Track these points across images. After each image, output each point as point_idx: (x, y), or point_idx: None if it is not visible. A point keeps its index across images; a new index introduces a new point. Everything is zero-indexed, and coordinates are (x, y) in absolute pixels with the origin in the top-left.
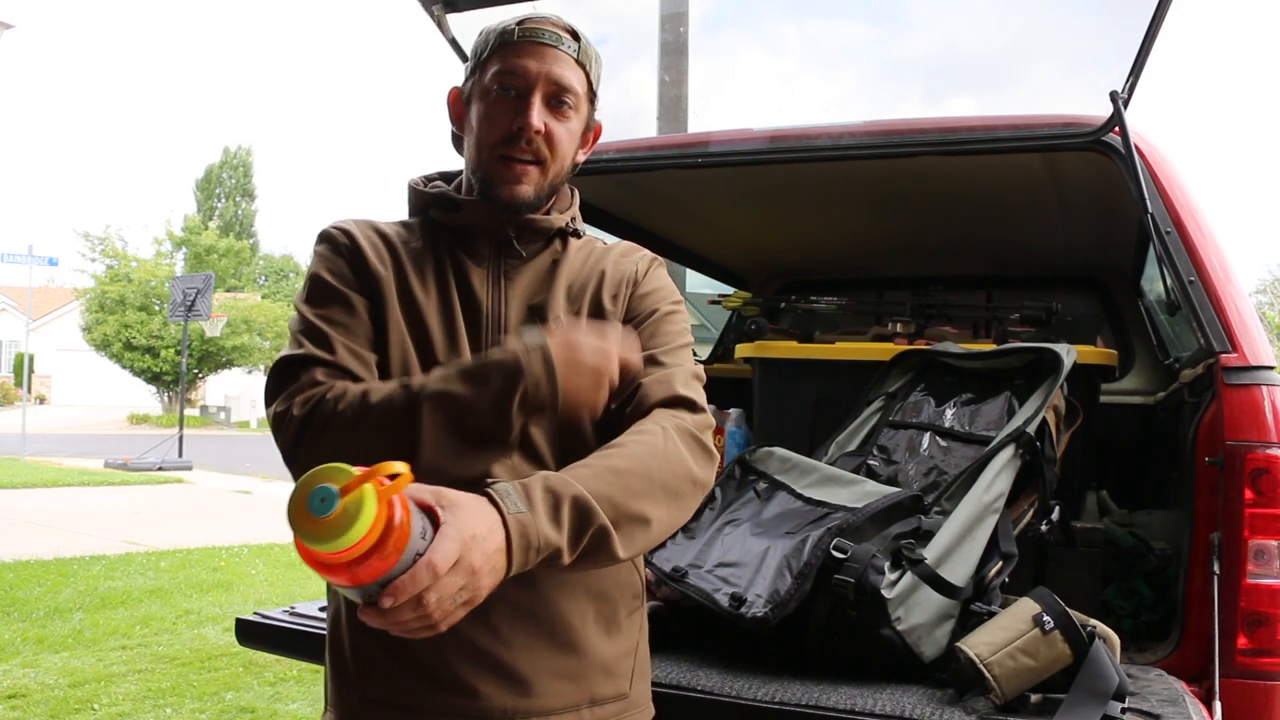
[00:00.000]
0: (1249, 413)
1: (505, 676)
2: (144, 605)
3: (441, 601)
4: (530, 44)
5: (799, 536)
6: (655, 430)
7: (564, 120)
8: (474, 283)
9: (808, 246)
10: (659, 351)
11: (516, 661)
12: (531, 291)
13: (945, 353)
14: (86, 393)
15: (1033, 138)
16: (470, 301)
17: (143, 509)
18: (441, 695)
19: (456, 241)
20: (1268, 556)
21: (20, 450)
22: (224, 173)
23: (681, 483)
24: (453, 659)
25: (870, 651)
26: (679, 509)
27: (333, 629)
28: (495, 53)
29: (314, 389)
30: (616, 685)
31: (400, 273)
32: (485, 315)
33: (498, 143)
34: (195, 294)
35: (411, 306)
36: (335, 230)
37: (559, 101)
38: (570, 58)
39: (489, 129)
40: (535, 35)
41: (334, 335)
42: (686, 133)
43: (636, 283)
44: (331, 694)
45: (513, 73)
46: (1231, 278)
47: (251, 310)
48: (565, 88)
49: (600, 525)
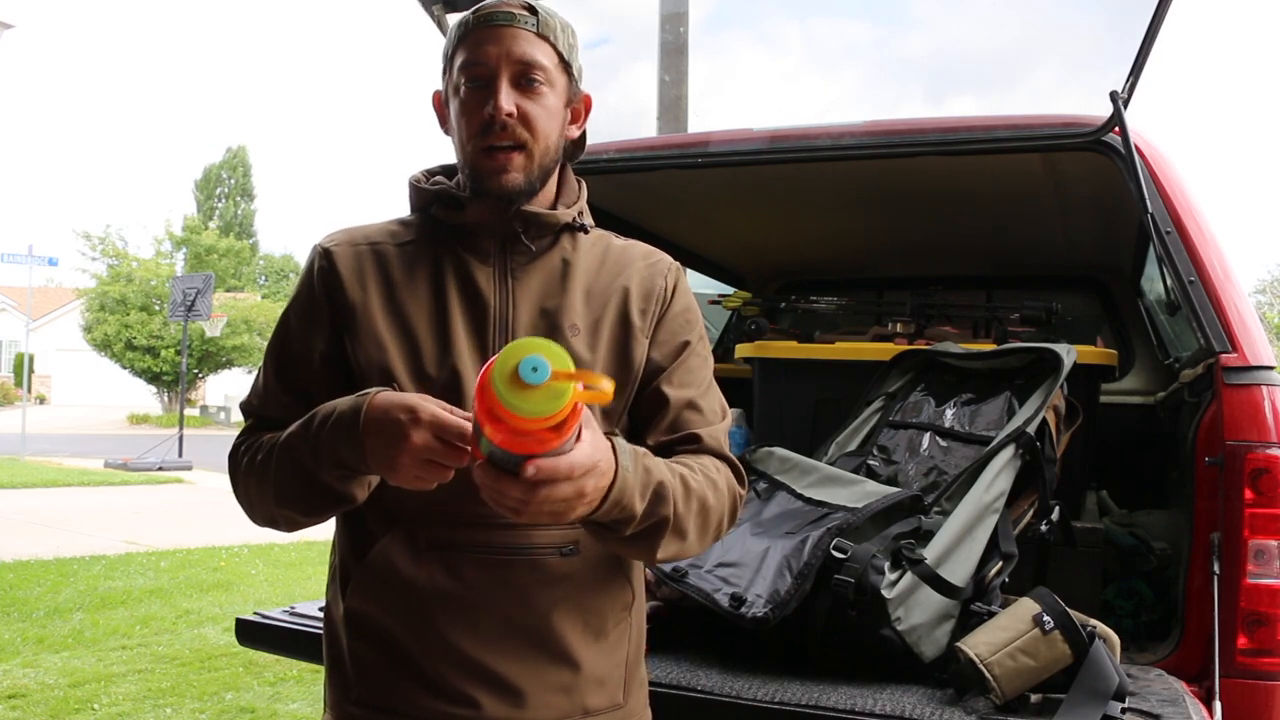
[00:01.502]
0: (1249, 413)
1: (500, 688)
2: (144, 605)
3: (550, 499)
4: (487, 29)
5: (799, 536)
6: (717, 477)
7: (537, 98)
8: (479, 282)
9: (808, 246)
10: (697, 395)
11: (510, 673)
12: (543, 292)
13: (945, 353)
14: (86, 393)
15: (1033, 138)
16: (476, 302)
17: (143, 509)
18: (439, 704)
19: (459, 239)
20: (1268, 556)
21: (20, 450)
22: (223, 172)
23: (716, 528)
24: (448, 670)
25: (870, 651)
26: (702, 545)
27: (331, 635)
28: (458, 46)
29: (245, 439)
30: (610, 696)
31: (385, 286)
32: (492, 316)
33: (476, 135)
34: (195, 294)
35: (398, 318)
36: (317, 252)
37: (528, 80)
38: (530, 33)
39: (466, 124)
40: (490, 20)
41: (270, 386)
42: (686, 133)
43: (668, 301)
44: (330, 697)
45: (475, 62)
46: (1231, 278)
47: (251, 310)
48: (530, 64)
49: (664, 517)
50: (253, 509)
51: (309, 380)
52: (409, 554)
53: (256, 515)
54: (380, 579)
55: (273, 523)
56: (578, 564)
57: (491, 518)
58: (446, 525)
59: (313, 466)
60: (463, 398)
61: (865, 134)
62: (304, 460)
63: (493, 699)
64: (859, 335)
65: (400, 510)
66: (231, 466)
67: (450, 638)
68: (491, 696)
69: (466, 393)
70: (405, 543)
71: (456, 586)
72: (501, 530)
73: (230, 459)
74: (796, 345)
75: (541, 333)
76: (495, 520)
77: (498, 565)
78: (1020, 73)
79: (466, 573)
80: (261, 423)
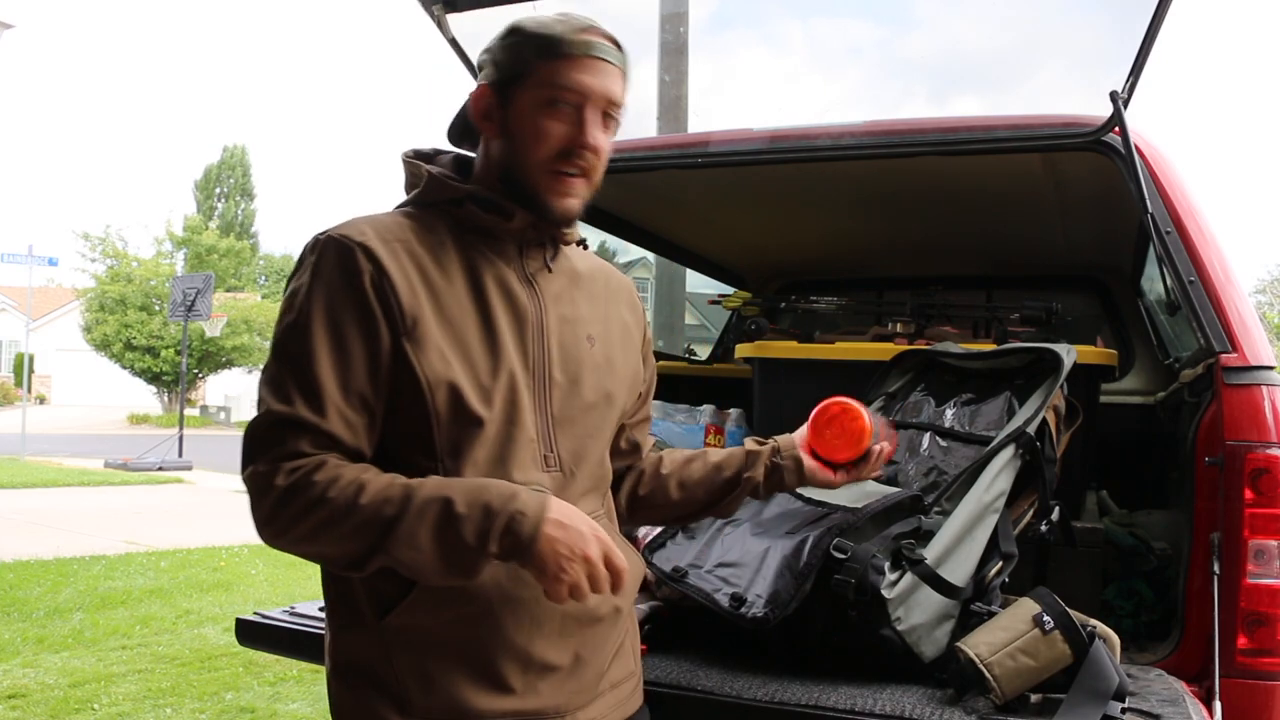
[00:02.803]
0: (1249, 413)
1: (557, 675)
2: (144, 605)
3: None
4: (591, 59)
5: (799, 536)
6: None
7: (610, 133)
8: (512, 285)
9: (808, 246)
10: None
11: (562, 661)
12: (561, 299)
13: (945, 353)
14: (86, 393)
15: (1033, 138)
16: (514, 307)
17: (143, 509)
18: (508, 701)
19: (482, 239)
20: (1268, 556)
21: (20, 450)
22: (223, 172)
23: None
24: (512, 669)
25: (870, 651)
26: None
27: (368, 656)
28: (547, 62)
29: (301, 460)
30: (626, 665)
31: (430, 291)
32: (530, 322)
33: (552, 157)
34: (195, 294)
35: (450, 326)
36: (349, 247)
37: (609, 117)
38: (620, 70)
39: (541, 142)
40: (595, 50)
41: (328, 393)
42: (686, 133)
43: (645, 325)
44: (370, 718)
45: (570, 88)
46: (1231, 278)
47: (251, 310)
48: (617, 105)
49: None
50: (327, 543)
51: (374, 391)
52: None
53: (331, 548)
54: (446, 592)
55: (350, 561)
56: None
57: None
58: None
59: (471, 540)
60: (518, 406)
61: (865, 134)
62: (462, 530)
63: (550, 685)
64: (859, 335)
65: None
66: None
67: (516, 639)
68: (549, 683)
69: (520, 400)
70: None
71: (519, 590)
72: None
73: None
74: (796, 345)
75: (568, 339)
76: None
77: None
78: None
79: (527, 575)
80: (320, 440)
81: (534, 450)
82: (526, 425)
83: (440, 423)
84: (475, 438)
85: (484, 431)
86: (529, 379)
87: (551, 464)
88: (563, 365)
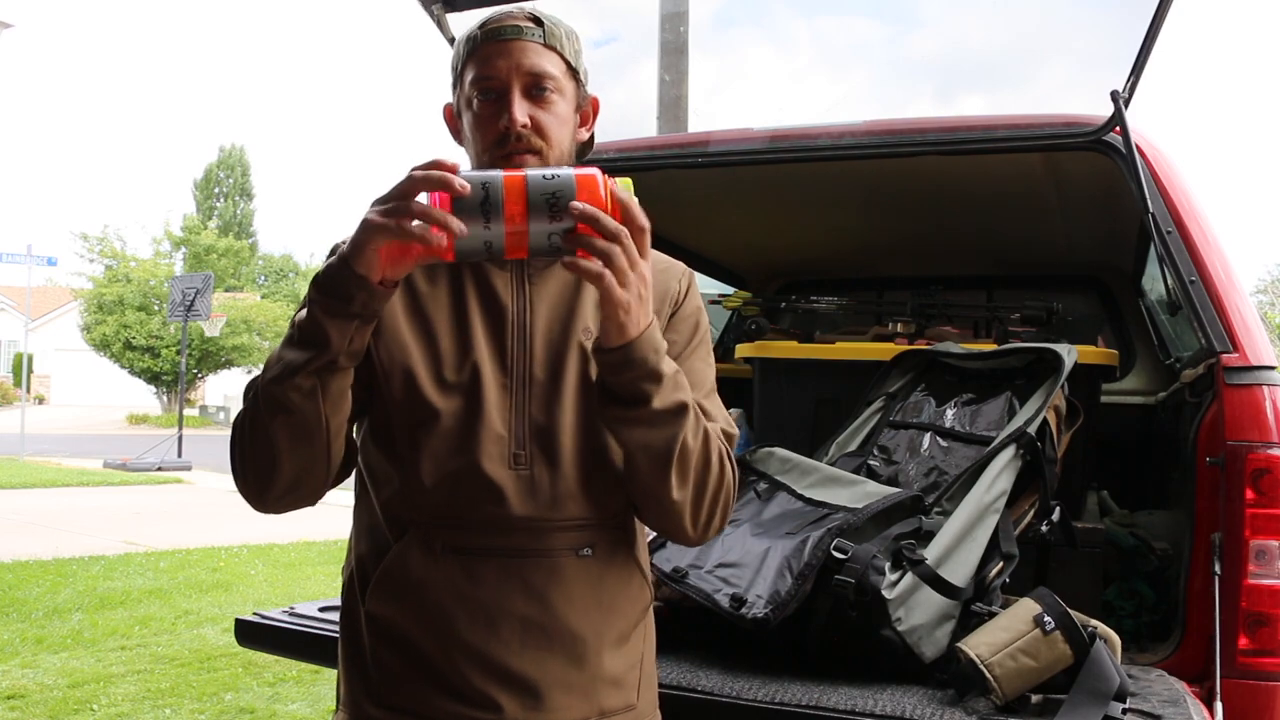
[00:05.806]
0: (1250, 413)
1: (520, 689)
2: (143, 606)
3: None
4: (495, 43)
5: (799, 537)
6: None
7: (548, 106)
8: (496, 287)
9: (808, 246)
10: (702, 397)
11: (529, 674)
12: (558, 298)
13: (946, 353)
14: (86, 393)
15: (1033, 137)
16: (493, 307)
17: (142, 509)
18: (460, 707)
19: None
20: (1269, 557)
21: (19, 450)
22: (222, 172)
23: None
24: (469, 672)
25: (871, 652)
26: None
27: (352, 636)
28: (467, 60)
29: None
30: (624, 697)
31: (409, 291)
32: (510, 321)
33: (492, 146)
34: (194, 294)
35: (421, 321)
36: (337, 245)
37: (538, 90)
38: (538, 44)
39: (480, 137)
40: (498, 34)
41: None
42: (686, 133)
43: (679, 303)
44: (345, 696)
45: (486, 76)
46: (1232, 277)
47: (251, 310)
48: (540, 75)
49: (683, 403)
50: (258, 462)
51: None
52: (426, 558)
53: (260, 468)
54: (398, 583)
55: (273, 470)
56: (594, 565)
57: (507, 520)
58: (463, 529)
59: (304, 313)
60: (481, 400)
61: (865, 134)
62: (295, 319)
63: (512, 700)
64: (859, 335)
65: (416, 515)
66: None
67: (470, 640)
68: (511, 698)
69: (486, 395)
70: (421, 547)
71: (475, 589)
72: (518, 533)
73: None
74: (796, 345)
75: (556, 338)
76: (511, 523)
77: (515, 567)
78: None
79: (485, 575)
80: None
81: (503, 447)
82: (493, 422)
83: (397, 410)
84: (431, 429)
85: (440, 423)
86: (503, 377)
87: (522, 462)
88: (546, 364)
